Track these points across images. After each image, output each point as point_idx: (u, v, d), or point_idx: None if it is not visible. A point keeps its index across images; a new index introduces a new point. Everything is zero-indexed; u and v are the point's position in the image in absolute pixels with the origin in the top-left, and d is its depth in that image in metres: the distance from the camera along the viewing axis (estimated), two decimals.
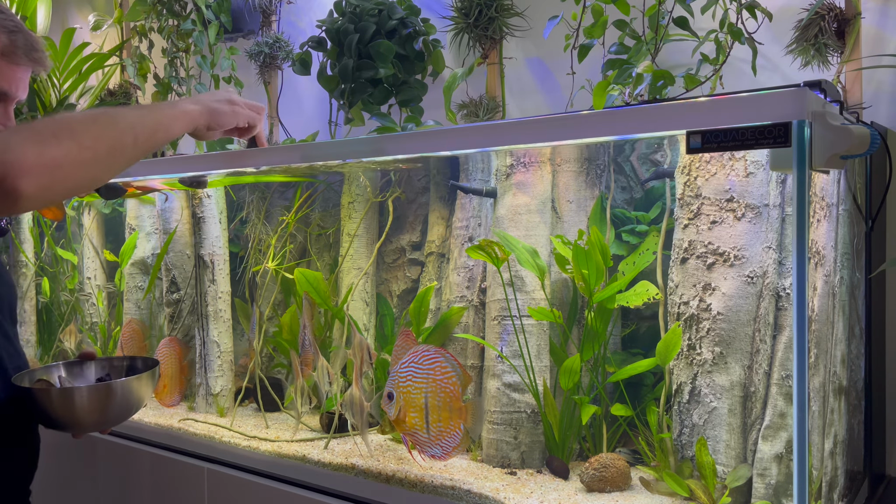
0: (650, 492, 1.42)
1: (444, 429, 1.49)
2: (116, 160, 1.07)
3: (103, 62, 2.78)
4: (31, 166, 0.94)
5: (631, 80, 1.56)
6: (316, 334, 1.83)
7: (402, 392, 1.53)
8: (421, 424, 1.51)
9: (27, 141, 0.96)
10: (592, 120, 1.18)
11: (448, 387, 1.49)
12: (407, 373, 1.52)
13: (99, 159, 1.04)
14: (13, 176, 0.93)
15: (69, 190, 1.04)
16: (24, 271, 2.62)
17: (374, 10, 2.02)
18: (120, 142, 1.07)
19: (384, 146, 1.49)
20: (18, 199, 0.94)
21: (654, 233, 1.57)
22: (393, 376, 1.54)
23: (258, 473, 1.74)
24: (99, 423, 1.30)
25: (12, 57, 1.22)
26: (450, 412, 1.48)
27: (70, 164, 0.99)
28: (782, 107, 0.99)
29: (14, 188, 0.93)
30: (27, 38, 1.24)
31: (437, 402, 1.49)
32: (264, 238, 2.09)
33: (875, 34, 1.62)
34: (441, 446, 1.49)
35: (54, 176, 0.97)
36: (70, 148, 0.99)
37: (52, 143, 0.98)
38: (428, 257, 1.93)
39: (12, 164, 0.93)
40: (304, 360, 1.80)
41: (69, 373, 1.40)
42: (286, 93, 2.53)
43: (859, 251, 1.46)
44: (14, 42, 1.22)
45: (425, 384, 1.50)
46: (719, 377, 1.34)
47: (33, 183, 0.94)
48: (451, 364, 1.49)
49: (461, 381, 1.48)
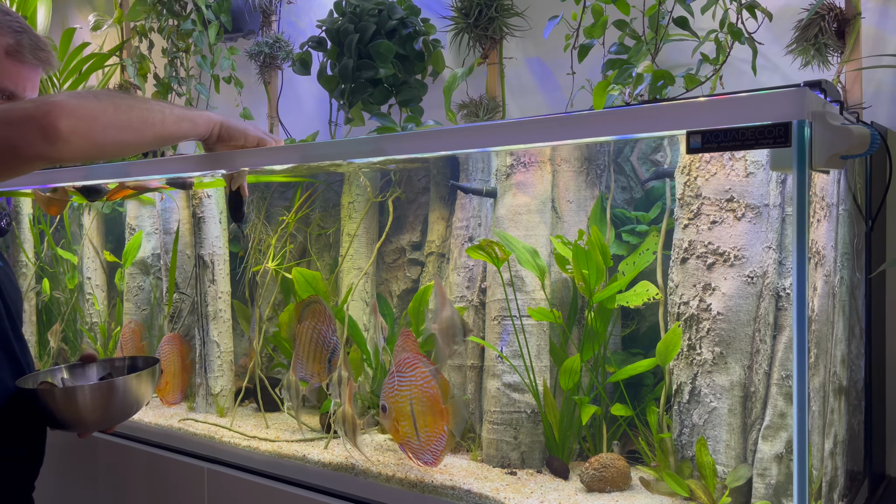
0: (650, 492, 1.42)
1: (431, 433, 1.51)
2: (146, 132, 1.17)
3: (103, 62, 2.78)
4: (72, 110, 1.05)
5: (631, 80, 1.56)
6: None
7: (392, 403, 1.55)
8: (412, 432, 1.53)
9: (70, 95, 1.08)
10: (592, 120, 1.18)
11: (428, 391, 1.50)
12: (392, 383, 1.55)
13: (132, 125, 1.14)
14: (55, 115, 1.02)
15: (102, 144, 1.11)
16: (24, 271, 2.63)
17: (374, 10, 2.02)
18: (151, 116, 1.18)
19: (384, 146, 1.49)
20: (57, 137, 1.02)
21: (654, 233, 1.57)
22: (384, 389, 1.57)
23: (258, 473, 1.74)
24: (102, 422, 1.32)
25: (18, 56, 1.24)
26: (433, 415, 1.50)
27: (106, 119, 1.10)
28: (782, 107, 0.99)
29: (53, 126, 1.02)
30: (32, 38, 1.26)
31: (421, 408, 1.51)
32: (264, 238, 2.09)
33: (875, 34, 1.62)
34: (431, 451, 1.52)
35: (91, 126, 1.07)
36: (107, 107, 1.10)
37: (92, 100, 1.10)
38: (428, 257, 1.93)
39: (55, 104, 1.04)
40: (334, 365, 1.77)
41: (72, 374, 1.43)
42: (286, 93, 2.53)
43: (859, 251, 1.46)
44: (20, 42, 1.24)
45: (409, 392, 1.53)
46: (719, 377, 1.34)
47: (71, 125, 1.04)
48: (430, 369, 1.51)
49: (441, 385, 1.50)
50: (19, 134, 1.02)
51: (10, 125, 1.02)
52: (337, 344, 1.76)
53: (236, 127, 1.39)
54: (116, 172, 1.85)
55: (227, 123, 1.37)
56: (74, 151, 1.06)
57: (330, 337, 1.77)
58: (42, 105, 1.03)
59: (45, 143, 1.02)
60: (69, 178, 1.93)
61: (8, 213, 2.61)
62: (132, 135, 1.15)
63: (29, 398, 1.26)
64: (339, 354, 1.75)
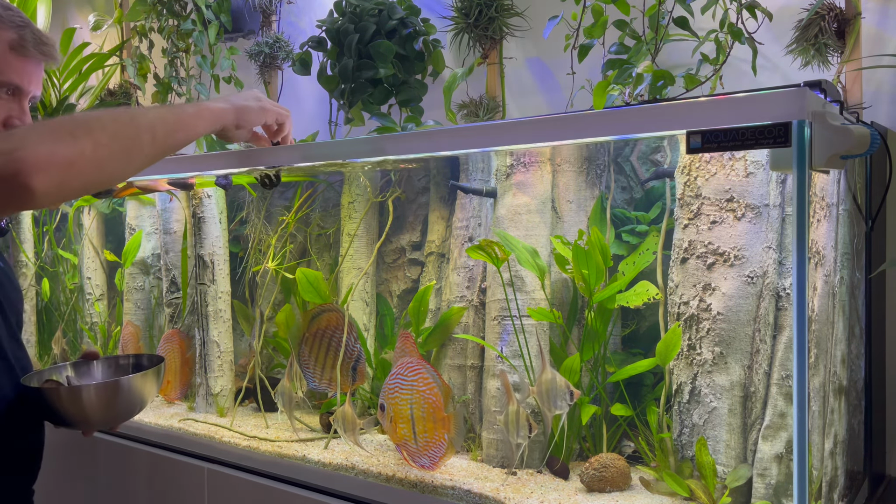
0: (650, 492, 1.42)
1: (429, 439, 1.51)
2: (133, 159, 1.08)
3: (103, 62, 2.78)
4: (44, 164, 0.95)
5: (631, 80, 1.56)
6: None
7: (391, 404, 1.55)
8: (409, 435, 1.54)
9: (42, 138, 0.97)
10: (592, 120, 1.18)
11: (430, 398, 1.51)
12: (394, 385, 1.55)
13: (114, 157, 1.04)
14: (26, 173, 0.93)
15: (83, 186, 1.04)
16: (24, 271, 2.63)
17: (374, 10, 2.02)
18: (137, 140, 1.08)
19: (384, 146, 1.49)
20: (32, 196, 0.94)
21: (654, 233, 1.57)
22: (384, 388, 1.57)
23: (258, 473, 1.74)
24: (108, 420, 1.32)
25: (22, 51, 1.22)
26: (434, 423, 1.50)
27: (84, 162, 0.99)
28: (782, 107, 0.99)
29: (26, 185, 0.93)
30: (35, 33, 1.25)
31: (421, 414, 1.51)
32: (264, 238, 2.09)
33: (875, 34, 1.62)
34: (429, 456, 1.52)
35: (67, 173, 0.97)
36: (85, 146, 0.99)
37: (67, 140, 0.98)
38: (428, 257, 1.93)
39: (25, 161, 0.93)
40: (360, 372, 1.74)
41: (77, 372, 1.42)
42: (286, 93, 2.53)
43: (859, 251, 1.46)
44: (23, 36, 1.22)
45: (410, 396, 1.53)
46: (719, 377, 1.34)
47: (45, 180, 0.95)
48: (433, 376, 1.51)
49: (443, 393, 1.50)
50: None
51: None
52: (361, 352, 1.74)
53: (252, 109, 1.30)
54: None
55: (243, 110, 1.28)
56: (52, 200, 0.99)
57: (353, 345, 1.74)
58: (12, 162, 0.93)
59: (23, 201, 0.95)
60: None
61: None
62: (116, 167, 1.06)
63: (34, 397, 1.25)
64: (364, 362, 1.73)
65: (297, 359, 1.82)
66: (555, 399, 1.43)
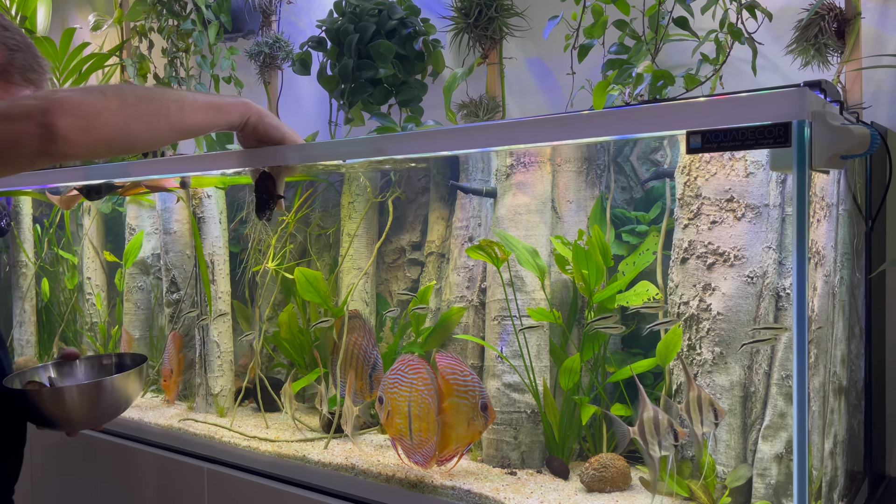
0: (650, 492, 1.42)
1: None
2: (158, 124, 1.11)
3: (103, 62, 2.77)
4: (73, 107, 1.00)
5: (631, 80, 1.56)
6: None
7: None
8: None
9: (74, 90, 1.03)
10: (592, 120, 1.18)
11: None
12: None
13: (141, 118, 1.08)
14: (53, 112, 0.98)
15: (107, 140, 1.06)
16: (24, 271, 2.62)
17: (374, 10, 2.02)
18: (164, 106, 1.11)
19: (384, 146, 1.49)
20: (55, 135, 0.98)
21: (654, 233, 1.57)
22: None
23: (258, 473, 1.74)
24: (91, 421, 1.31)
25: (6, 76, 1.22)
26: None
27: (110, 114, 1.04)
28: (782, 107, 0.98)
29: (52, 124, 0.97)
30: (28, 59, 1.24)
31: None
32: (264, 238, 2.09)
33: (875, 34, 1.62)
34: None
35: (92, 123, 1.02)
36: (112, 101, 1.05)
37: (96, 94, 1.04)
38: (428, 257, 1.93)
39: (55, 101, 0.99)
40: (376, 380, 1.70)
41: (59, 373, 1.41)
42: (286, 93, 2.53)
43: (859, 251, 1.46)
44: (11, 61, 1.21)
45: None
46: (719, 377, 1.34)
47: (70, 123, 0.99)
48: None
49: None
50: (18, 130, 0.99)
51: (10, 121, 0.99)
52: (378, 358, 1.72)
53: (275, 126, 1.31)
54: (114, 172, 1.85)
55: (267, 120, 1.29)
56: (75, 149, 1.03)
57: (370, 351, 1.73)
58: (43, 102, 0.99)
59: (43, 141, 0.98)
60: (68, 178, 1.93)
61: (8, 213, 2.61)
62: (141, 128, 1.09)
63: (16, 398, 1.24)
64: (381, 369, 1.71)
65: (331, 369, 1.79)
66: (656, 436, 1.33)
